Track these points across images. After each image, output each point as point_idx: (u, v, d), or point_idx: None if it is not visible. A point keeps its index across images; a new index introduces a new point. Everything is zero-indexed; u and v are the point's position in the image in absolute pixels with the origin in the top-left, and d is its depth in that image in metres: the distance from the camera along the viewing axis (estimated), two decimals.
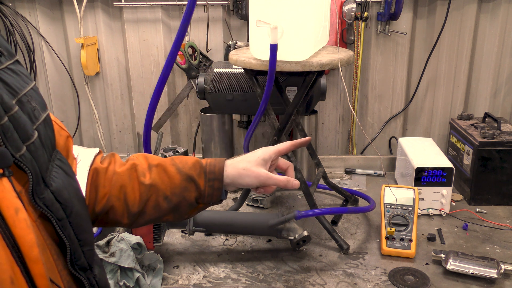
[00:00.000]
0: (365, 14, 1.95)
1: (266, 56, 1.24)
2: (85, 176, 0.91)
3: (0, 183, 0.59)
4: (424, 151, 1.72)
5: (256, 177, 1.00)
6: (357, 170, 2.00)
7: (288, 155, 1.45)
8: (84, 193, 0.89)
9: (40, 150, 0.68)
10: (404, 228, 1.41)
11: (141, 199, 0.94)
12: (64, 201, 0.71)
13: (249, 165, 1.00)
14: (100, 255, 1.20)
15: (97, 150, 0.98)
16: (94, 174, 0.93)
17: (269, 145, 1.45)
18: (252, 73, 1.42)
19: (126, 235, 1.26)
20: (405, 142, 1.82)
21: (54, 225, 0.69)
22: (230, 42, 1.93)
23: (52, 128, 0.76)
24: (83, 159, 0.94)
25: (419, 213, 1.60)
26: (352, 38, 1.99)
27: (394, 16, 1.93)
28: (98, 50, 2.10)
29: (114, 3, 2.00)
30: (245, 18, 1.92)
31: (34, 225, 0.64)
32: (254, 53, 1.36)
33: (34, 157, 0.66)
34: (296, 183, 1.06)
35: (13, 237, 0.59)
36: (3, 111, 0.61)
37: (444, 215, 1.60)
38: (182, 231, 1.52)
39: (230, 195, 1.79)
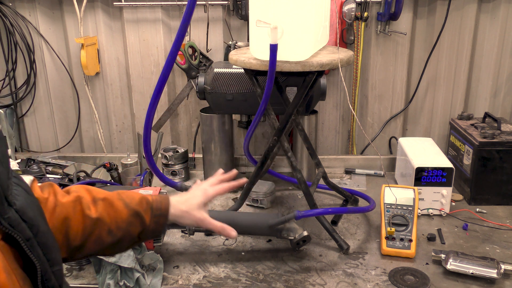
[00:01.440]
0: (365, 14, 1.95)
1: (266, 56, 1.24)
2: None
3: None
4: (424, 151, 1.72)
5: (195, 221, 1.07)
6: (357, 170, 2.00)
7: (288, 155, 1.45)
8: None
9: None
10: (404, 228, 1.41)
11: (84, 232, 0.92)
12: (29, 219, 0.68)
13: (190, 208, 1.06)
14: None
15: (31, 178, 0.93)
16: None
17: (269, 145, 1.46)
18: (252, 73, 1.42)
19: None
20: (405, 142, 1.82)
21: (22, 245, 0.65)
22: (230, 42, 1.93)
23: (5, 142, 0.73)
24: None
25: (419, 213, 1.60)
26: (352, 38, 1.99)
27: (394, 16, 1.93)
28: (98, 50, 2.10)
29: (114, 3, 2.00)
30: (245, 18, 1.92)
31: None
32: (254, 53, 1.36)
33: None
34: (234, 233, 1.10)
35: None
36: None
37: (444, 215, 1.60)
38: (182, 231, 1.52)
39: (230, 195, 1.79)
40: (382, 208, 1.47)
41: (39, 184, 0.94)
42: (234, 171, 1.21)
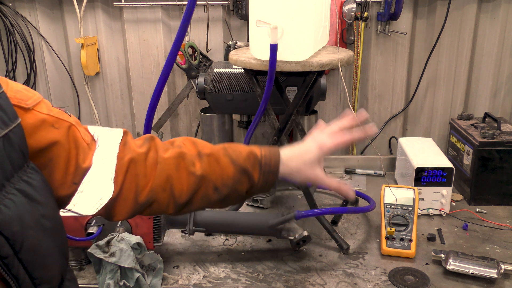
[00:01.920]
0: (365, 14, 1.95)
1: (266, 56, 1.24)
2: (105, 165, 0.82)
3: None
4: (424, 151, 1.72)
5: (307, 179, 0.99)
6: (357, 170, 2.00)
7: None
8: (107, 184, 0.81)
9: None
10: (404, 228, 1.41)
11: (189, 190, 0.88)
12: (11, 234, 0.60)
13: (303, 167, 0.96)
14: (100, 255, 1.20)
15: (121, 132, 0.88)
16: (131, 163, 0.85)
17: (270, 144, 1.46)
18: (252, 73, 1.42)
19: (126, 235, 1.26)
20: (405, 142, 1.82)
21: None
22: (230, 42, 1.93)
23: (16, 146, 0.65)
24: (104, 144, 0.84)
25: (419, 213, 1.60)
26: (352, 38, 1.99)
27: (394, 16, 1.93)
28: (98, 50, 2.10)
29: (114, 3, 2.00)
30: (245, 18, 1.92)
31: None
32: (254, 53, 1.36)
33: None
34: (352, 193, 1.01)
35: None
36: None
37: (444, 215, 1.60)
38: (182, 231, 1.52)
39: None
40: (382, 208, 1.47)
41: (139, 136, 0.91)
42: (364, 114, 1.06)
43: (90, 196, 0.80)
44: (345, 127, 1.05)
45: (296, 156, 0.97)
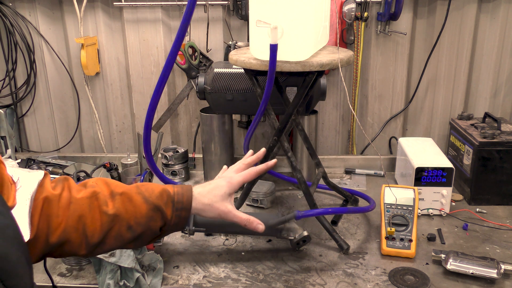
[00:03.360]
0: (365, 14, 1.95)
1: (266, 56, 1.24)
2: (26, 205, 0.82)
3: None
4: (424, 151, 1.72)
5: (219, 214, 1.03)
6: (357, 170, 2.00)
7: (288, 155, 1.45)
8: (27, 225, 0.80)
9: None
10: (404, 228, 1.41)
11: (102, 229, 0.89)
12: None
13: (214, 200, 1.02)
14: (100, 255, 1.20)
15: (41, 174, 0.88)
16: (45, 203, 0.85)
17: (269, 145, 1.46)
18: (252, 73, 1.42)
19: None
20: (405, 142, 1.82)
21: None
22: (230, 42, 1.93)
23: None
24: (25, 184, 0.84)
25: (419, 213, 1.60)
26: (352, 38, 1.99)
27: (394, 16, 1.93)
28: (98, 50, 2.10)
29: (114, 3, 2.00)
30: (245, 18, 1.92)
31: None
32: (254, 53, 1.36)
33: None
34: (261, 227, 1.05)
35: None
36: None
37: (444, 215, 1.60)
38: (182, 231, 1.52)
39: None
40: (382, 208, 1.47)
41: (53, 178, 0.90)
42: (263, 150, 1.13)
43: None
44: (249, 163, 1.12)
45: (207, 192, 1.02)
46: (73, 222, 0.87)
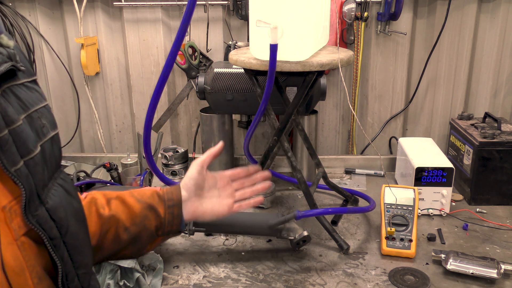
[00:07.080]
0: (365, 14, 1.95)
1: (266, 56, 1.24)
2: None
3: None
4: (424, 151, 1.72)
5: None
6: (357, 170, 2.00)
7: (288, 155, 1.45)
8: None
9: (39, 166, 0.67)
10: (404, 228, 1.41)
11: (100, 232, 0.93)
12: (59, 220, 0.69)
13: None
14: None
15: None
16: None
17: (269, 145, 1.46)
18: (252, 73, 1.42)
19: None
20: (405, 142, 1.82)
21: (46, 244, 0.66)
22: (230, 42, 1.93)
23: (59, 147, 0.77)
24: None
25: (419, 213, 1.60)
26: (352, 38, 1.99)
27: (394, 16, 1.93)
28: (98, 50, 2.10)
29: (114, 3, 2.00)
30: (245, 18, 1.92)
31: (14, 243, 0.63)
32: (254, 53, 1.36)
33: (31, 173, 0.65)
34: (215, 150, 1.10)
35: None
36: (4, 124, 0.62)
37: (444, 215, 1.60)
38: (183, 232, 1.52)
39: None
40: (382, 208, 1.47)
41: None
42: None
43: None
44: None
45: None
46: None
